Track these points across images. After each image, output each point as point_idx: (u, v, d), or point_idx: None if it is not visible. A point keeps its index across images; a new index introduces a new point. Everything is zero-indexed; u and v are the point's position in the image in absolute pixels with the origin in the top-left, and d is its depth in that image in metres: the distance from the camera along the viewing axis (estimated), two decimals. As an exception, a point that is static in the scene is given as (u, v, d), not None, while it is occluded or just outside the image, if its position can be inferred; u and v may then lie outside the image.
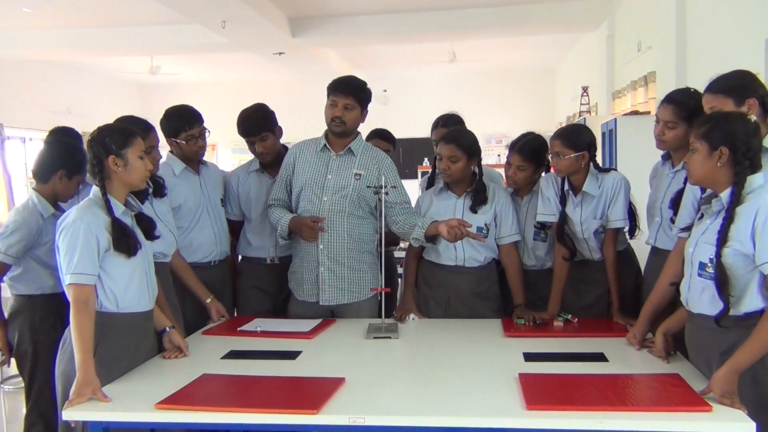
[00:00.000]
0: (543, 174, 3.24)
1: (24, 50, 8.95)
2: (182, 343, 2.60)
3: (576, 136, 2.96)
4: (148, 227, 2.53)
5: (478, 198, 3.12)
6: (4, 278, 3.02)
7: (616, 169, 3.11)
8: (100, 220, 2.31)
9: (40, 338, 2.99)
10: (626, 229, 3.06)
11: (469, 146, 3.09)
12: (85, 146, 2.42)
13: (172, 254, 2.99)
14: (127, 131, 2.43)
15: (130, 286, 2.38)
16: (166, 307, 2.77)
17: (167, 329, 2.60)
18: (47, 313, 2.98)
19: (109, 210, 2.34)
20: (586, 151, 2.93)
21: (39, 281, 2.99)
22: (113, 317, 2.35)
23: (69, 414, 2.06)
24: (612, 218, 2.96)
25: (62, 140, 3.29)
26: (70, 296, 2.25)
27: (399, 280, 4.19)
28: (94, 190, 2.39)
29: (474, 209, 3.12)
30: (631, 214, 3.03)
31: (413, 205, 3.27)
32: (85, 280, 2.26)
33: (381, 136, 4.03)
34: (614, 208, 2.95)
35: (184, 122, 3.19)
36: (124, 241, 2.34)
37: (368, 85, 3.17)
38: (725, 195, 2.11)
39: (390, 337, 2.81)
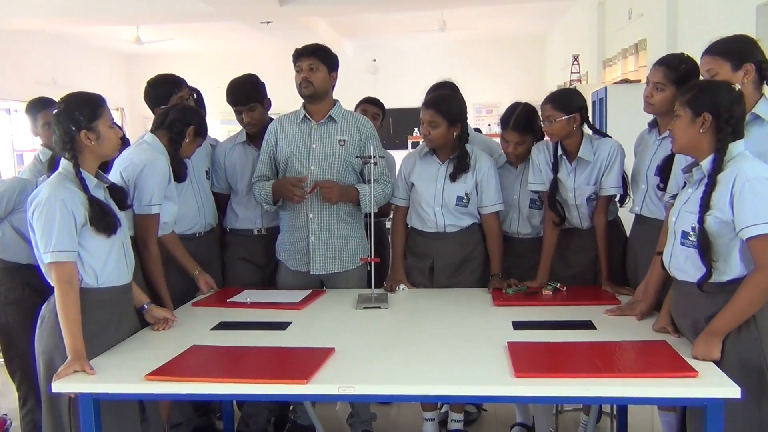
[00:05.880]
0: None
1: (7, 20, 8.77)
2: (165, 313, 2.59)
3: (566, 99, 2.95)
4: (121, 197, 2.46)
5: (460, 165, 3.11)
6: None
7: (610, 136, 3.10)
8: (75, 195, 2.24)
9: (7, 309, 3.00)
10: (617, 197, 3.07)
11: (450, 112, 3.06)
12: (53, 120, 2.32)
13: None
14: (94, 101, 2.33)
15: (109, 260, 2.33)
16: (161, 278, 2.78)
17: (146, 306, 2.57)
18: (15, 283, 2.99)
19: (84, 187, 2.26)
20: (577, 114, 2.92)
21: (13, 249, 2.99)
22: (94, 293, 2.30)
23: (59, 386, 2.06)
24: (606, 185, 2.96)
25: None
26: (52, 276, 2.20)
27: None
28: (64, 164, 2.30)
29: (454, 177, 3.11)
30: (624, 182, 3.03)
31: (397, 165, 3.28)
32: (66, 257, 2.20)
33: (370, 101, 4.03)
34: (609, 176, 2.95)
35: (172, 86, 3.20)
36: (103, 220, 2.26)
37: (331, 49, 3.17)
38: (706, 163, 2.13)
39: (380, 307, 2.82)
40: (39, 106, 3.34)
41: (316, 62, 3.09)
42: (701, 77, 2.54)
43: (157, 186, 2.75)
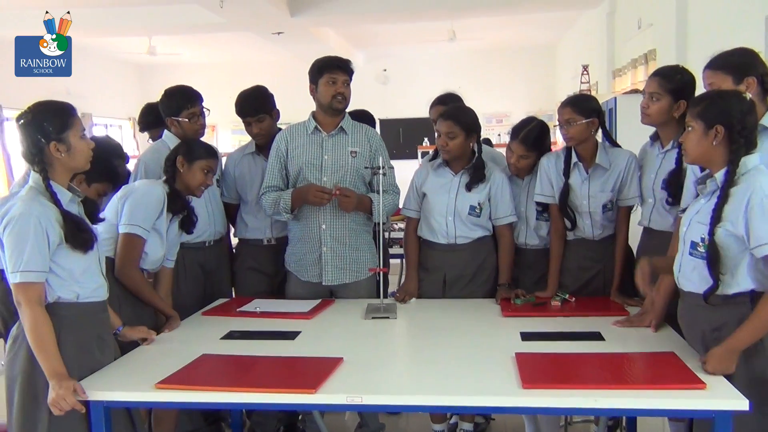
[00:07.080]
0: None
1: (21, 30, 8.86)
2: (140, 333, 2.51)
3: (585, 103, 2.99)
4: (93, 210, 2.34)
5: (476, 176, 3.13)
6: None
7: (620, 145, 3.11)
8: (50, 212, 2.11)
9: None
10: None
11: (468, 123, 3.09)
12: (19, 130, 2.17)
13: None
14: (64, 110, 2.20)
15: (87, 276, 2.22)
16: (152, 295, 2.77)
17: (119, 330, 2.46)
18: None
19: (57, 202, 2.14)
20: (596, 118, 2.94)
21: None
22: (73, 307, 2.20)
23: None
24: (628, 196, 2.97)
25: None
26: (20, 296, 2.08)
27: (390, 260, 4.23)
28: (35, 177, 2.16)
29: (469, 187, 3.13)
30: None
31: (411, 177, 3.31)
32: (35, 277, 2.08)
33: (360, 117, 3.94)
34: (630, 186, 2.96)
35: (185, 100, 3.24)
36: (79, 237, 2.15)
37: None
38: (720, 175, 2.12)
39: (388, 317, 2.83)
40: None
41: (349, 79, 3.15)
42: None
43: (145, 208, 2.69)
